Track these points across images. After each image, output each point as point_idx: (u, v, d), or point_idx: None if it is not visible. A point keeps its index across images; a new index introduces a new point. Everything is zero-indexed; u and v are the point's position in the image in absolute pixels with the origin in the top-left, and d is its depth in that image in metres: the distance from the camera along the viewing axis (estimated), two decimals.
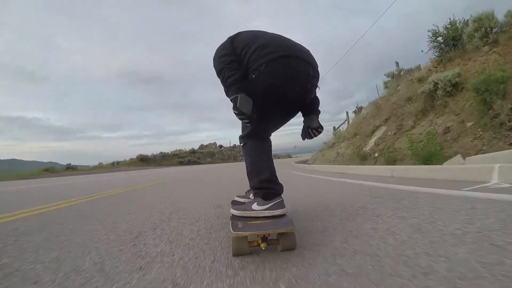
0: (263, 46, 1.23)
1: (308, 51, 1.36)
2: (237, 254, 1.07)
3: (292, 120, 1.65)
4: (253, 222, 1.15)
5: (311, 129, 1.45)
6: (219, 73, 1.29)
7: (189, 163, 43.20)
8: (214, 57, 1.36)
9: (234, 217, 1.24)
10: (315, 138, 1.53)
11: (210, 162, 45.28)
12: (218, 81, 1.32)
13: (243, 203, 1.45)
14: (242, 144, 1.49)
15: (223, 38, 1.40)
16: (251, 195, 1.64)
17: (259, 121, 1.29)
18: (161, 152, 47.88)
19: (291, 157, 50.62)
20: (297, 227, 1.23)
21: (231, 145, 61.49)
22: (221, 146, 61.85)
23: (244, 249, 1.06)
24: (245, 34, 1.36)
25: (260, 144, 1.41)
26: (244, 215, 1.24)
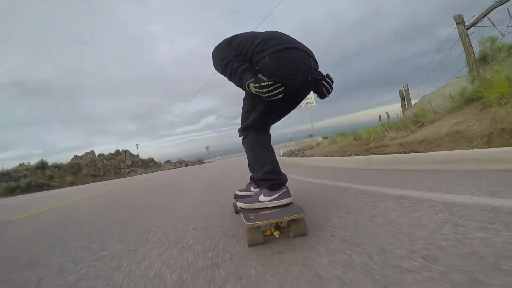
0: (266, 40, 1.26)
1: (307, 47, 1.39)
2: (252, 244, 1.09)
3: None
4: (264, 212, 1.17)
5: (324, 81, 1.39)
6: (225, 67, 1.29)
7: (28, 189, 21.08)
8: (214, 58, 1.38)
9: (243, 210, 1.26)
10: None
11: (72, 183, 24.51)
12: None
13: (248, 196, 1.47)
14: (242, 137, 1.49)
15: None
16: (252, 188, 1.67)
17: (263, 112, 1.32)
18: None
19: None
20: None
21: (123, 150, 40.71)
22: (101, 155, 37.74)
23: (259, 239, 1.09)
24: (242, 35, 1.40)
25: (261, 136, 1.43)
26: (252, 207, 1.26)
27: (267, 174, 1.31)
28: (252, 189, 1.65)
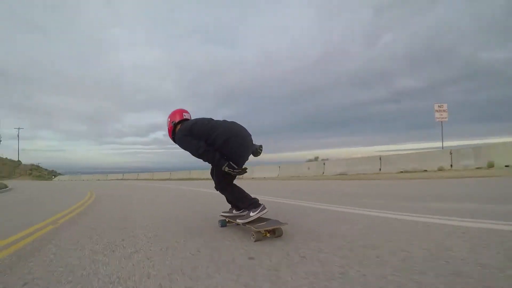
0: (221, 133, 2.13)
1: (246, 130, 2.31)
2: (257, 240, 1.95)
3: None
4: (260, 223, 2.06)
5: (256, 149, 2.33)
6: (201, 155, 2.13)
7: None
8: (183, 144, 2.19)
9: (247, 222, 2.10)
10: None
11: None
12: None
13: (240, 215, 2.31)
14: (219, 191, 2.40)
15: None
16: (233, 211, 2.51)
17: (229, 177, 2.31)
18: None
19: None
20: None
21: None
22: None
23: (260, 237, 1.97)
24: (198, 124, 2.21)
25: (232, 186, 2.37)
26: (248, 220, 2.13)
27: (249, 201, 2.23)
28: (234, 211, 2.50)
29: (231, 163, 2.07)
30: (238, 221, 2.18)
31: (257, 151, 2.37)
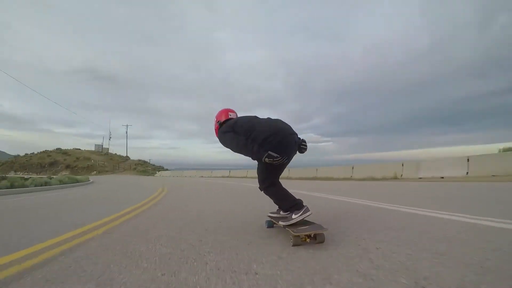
0: (261, 131, 2.09)
1: (289, 126, 2.25)
2: (295, 244, 1.90)
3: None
4: (301, 227, 2.00)
5: (302, 145, 2.29)
6: (240, 149, 2.14)
7: None
8: (224, 141, 2.23)
9: (287, 226, 2.07)
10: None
11: None
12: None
13: (284, 216, 2.30)
14: (263, 190, 2.39)
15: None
16: (281, 212, 2.50)
17: (271, 174, 2.30)
18: None
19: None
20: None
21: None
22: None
23: (299, 242, 1.91)
24: (240, 121, 2.24)
25: (277, 186, 2.33)
26: (291, 223, 2.08)
27: (291, 203, 2.18)
28: (281, 212, 2.48)
29: (270, 152, 2.02)
30: (281, 223, 2.17)
31: (300, 147, 2.31)
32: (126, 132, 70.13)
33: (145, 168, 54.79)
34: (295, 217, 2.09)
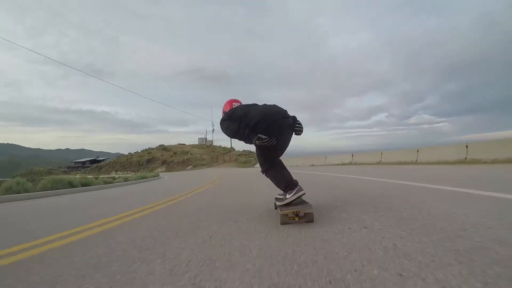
0: (258, 117, 2.19)
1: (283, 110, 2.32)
2: (283, 223, 2.03)
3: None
4: (290, 207, 2.10)
5: (296, 127, 2.36)
6: (235, 135, 2.26)
7: None
8: (223, 129, 2.38)
9: (279, 206, 2.21)
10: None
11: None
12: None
13: (282, 197, 2.42)
14: (264, 173, 2.49)
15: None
16: (286, 194, 2.61)
17: (269, 156, 2.35)
18: None
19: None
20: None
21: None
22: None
23: (286, 220, 2.03)
24: (237, 110, 2.37)
25: (274, 167, 2.41)
26: (284, 202, 2.18)
27: (286, 183, 2.26)
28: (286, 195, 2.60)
29: (259, 135, 2.15)
30: (277, 203, 2.30)
31: (295, 129, 2.39)
32: None
33: (248, 158, 47.09)
34: (289, 196, 2.18)
